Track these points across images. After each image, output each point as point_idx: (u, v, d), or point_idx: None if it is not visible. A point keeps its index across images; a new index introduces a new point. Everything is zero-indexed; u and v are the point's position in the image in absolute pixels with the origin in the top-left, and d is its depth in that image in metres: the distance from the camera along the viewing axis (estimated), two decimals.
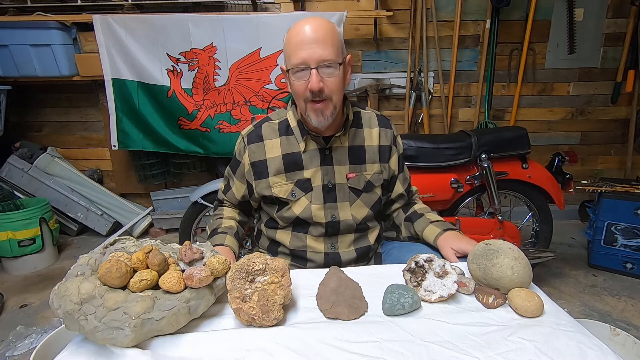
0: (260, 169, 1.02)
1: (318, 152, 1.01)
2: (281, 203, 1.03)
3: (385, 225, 1.22)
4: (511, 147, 1.85)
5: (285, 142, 1.02)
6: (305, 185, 1.00)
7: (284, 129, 1.03)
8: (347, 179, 1.02)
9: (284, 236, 1.05)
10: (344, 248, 1.04)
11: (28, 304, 1.94)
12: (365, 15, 2.53)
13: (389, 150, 1.07)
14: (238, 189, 1.09)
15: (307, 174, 1.00)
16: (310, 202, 1.00)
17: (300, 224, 1.03)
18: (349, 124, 1.02)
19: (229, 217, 1.09)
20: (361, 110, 1.07)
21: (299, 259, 1.05)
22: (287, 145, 1.01)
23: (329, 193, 1.01)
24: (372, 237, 1.08)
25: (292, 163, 1.01)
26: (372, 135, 1.05)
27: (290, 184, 1.00)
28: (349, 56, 0.96)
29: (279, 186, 1.01)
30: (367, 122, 1.06)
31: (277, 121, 1.04)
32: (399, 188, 1.12)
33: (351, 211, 1.02)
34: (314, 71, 0.87)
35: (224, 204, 1.14)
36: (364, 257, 1.08)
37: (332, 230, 1.02)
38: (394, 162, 1.08)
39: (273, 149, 1.02)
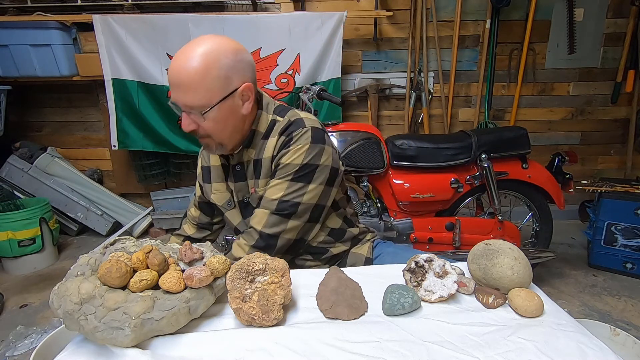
0: (206, 174, 1.05)
1: (232, 168, 1.00)
2: (220, 212, 1.06)
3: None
4: (511, 147, 1.85)
5: (219, 155, 1.02)
6: (234, 199, 1.02)
7: None
8: (251, 194, 0.99)
9: None
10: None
11: (28, 304, 1.94)
12: (365, 15, 2.53)
13: (272, 161, 0.93)
14: (197, 189, 1.12)
15: (231, 186, 1.01)
16: (242, 215, 1.02)
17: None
18: (254, 137, 0.94)
19: (177, 234, 1.15)
20: (278, 118, 0.95)
21: None
22: (221, 158, 1.03)
23: (246, 208, 1.01)
24: (315, 237, 1.02)
25: (225, 175, 1.02)
26: (270, 146, 0.93)
27: (227, 193, 1.02)
28: (242, 86, 0.85)
29: (218, 193, 1.03)
30: (274, 131, 0.94)
31: None
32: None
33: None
34: (184, 114, 0.85)
35: (186, 216, 1.18)
36: (317, 252, 1.03)
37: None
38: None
39: (215, 157, 1.03)
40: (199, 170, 1.09)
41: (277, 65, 2.40)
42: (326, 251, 1.05)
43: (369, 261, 1.08)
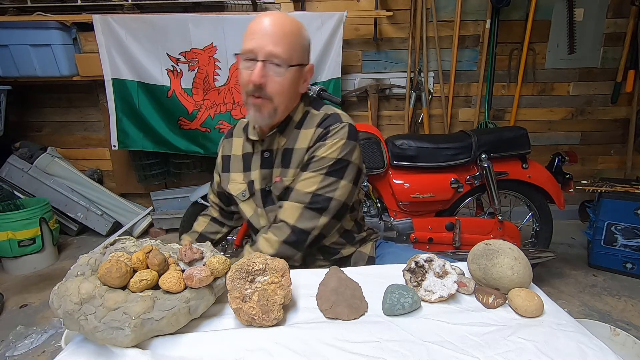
0: (225, 163, 1.06)
1: (260, 154, 0.98)
2: (235, 203, 1.05)
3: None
4: (511, 147, 1.85)
5: (245, 141, 1.03)
6: (251, 188, 1.00)
7: (246, 129, 1.03)
8: (274, 183, 0.96)
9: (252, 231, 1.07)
10: None
11: (28, 304, 1.94)
12: (365, 15, 2.53)
13: (307, 151, 0.93)
14: (216, 179, 1.12)
15: (252, 175, 1.00)
16: (257, 205, 1.00)
17: (254, 231, 1.03)
18: (288, 125, 0.95)
19: (197, 223, 1.16)
20: (313, 111, 0.96)
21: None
22: (246, 145, 1.02)
23: (267, 197, 0.98)
24: (329, 237, 0.99)
25: (247, 163, 1.01)
26: (306, 137, 0.93)
27: (244, 183, 1.01)
28: (309, 65, 0.91)
29: (235, 183, 1.03)
30: (309, 122, 0.94)
31: (247, 120, 1.04)
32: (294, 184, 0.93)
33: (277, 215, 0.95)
34: (259, 63, 0.83)
35: (206, 207, 1.19)
36: (327, 252, 1.02)
37: None
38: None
39: (237, 147, 1.04)
40: (218, 160, 1.09)
41: None
42: (337, 252, 1.05)
43: (371, 260, 1.09)
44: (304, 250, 0.92)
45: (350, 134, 0.91)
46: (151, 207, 2.82)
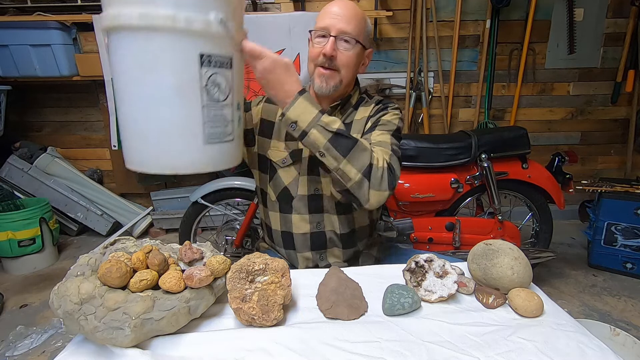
0: (266, 128, 1.05)
1: None
2: (272, 169, 1.04)
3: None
4: (511, 147, 1.85)
5: None
6: (296, 155, 1.01)
7: None
8: None
9: (273, 218, 1.06)
10: (329, 227, 1.03)
11: (28, 304, 1.94)
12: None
13: (368, 120, 1.01)
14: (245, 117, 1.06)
15: (300, 144, 0.99)
16: (299, 173, 1.01)
17: (286, 200, 1.03)
18: (346, 104, 1.04)
19: None
20: (367, 98, 1.08)
21: (288, 242, 1.05)
22: None
23: (315, 166, 1.01)
24: (360, 218, 1.05)
25: None
26: (364, 112, 1.03)
27: (285, 152, 1.02)
28: (369, 49, 1.02)
29: (276, 151, 1.03)
30: (365, 104, 1.06)
31: None
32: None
33: (330, 186, 1.01)
34: (331, 39, 0.93)
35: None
36: (350, 241, 1.05)
37: (315, 205, 1.01)
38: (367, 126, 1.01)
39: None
40: (254, 120, 1.06)
41: None
42: (355, 244, 1.06)
43: (377, 261, 1.12)
44: (391, 190, 0.89)
45: (400, 117, 1.02)
46: (151, 207, 2.82)
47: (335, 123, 0.85)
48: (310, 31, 0.98)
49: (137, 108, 0.70)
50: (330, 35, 0.94)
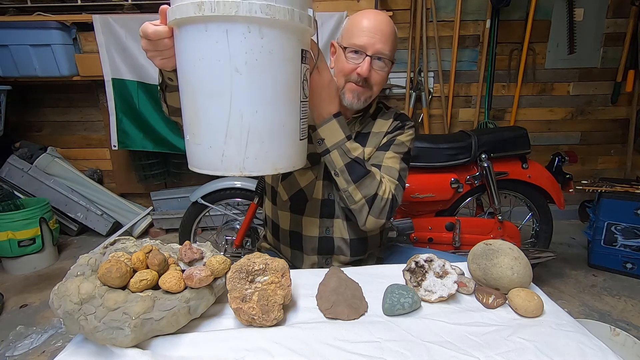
0: None
1: None
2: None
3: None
4: (511, 147, 1.85)
5: None
6: (315, 159, 1.01)
7: None
8: None
9: (282, 217, 1.06)
10: (337, 234, 1.03)
11: (28, 304, 1.94)
12: None
13: (385, 136, 1.04)
14: None
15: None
16: (316, 177, 1.01)
17: (300, 202, 1.03)
18: (365, 114, 1.06)
19: None
20: (383, 108, 1.10)
21: (295, 242, 1.06)
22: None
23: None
24: None
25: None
26: (383, 125, 1.05)
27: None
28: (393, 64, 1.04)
29: None
30: (383, 115, 1.08)
31: None
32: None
33: None
34: (367, 58, 0.92)
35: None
36: (360, 248, 1.05)
37: (328, 210, 1.02)
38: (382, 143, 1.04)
39: None
40: None
41: None
42: (364, 252, 1.07)
43: (379, 260, 1.13)
44: (388, 219, 0.96)
45: (415, 135, 1.07)
46: (151, 207, 2.82)
47: (357, 151, 0.90)
48: (343, 47, 0.96)
49: (246, 108, 0.64)
50: (367, 55, 0.92)
